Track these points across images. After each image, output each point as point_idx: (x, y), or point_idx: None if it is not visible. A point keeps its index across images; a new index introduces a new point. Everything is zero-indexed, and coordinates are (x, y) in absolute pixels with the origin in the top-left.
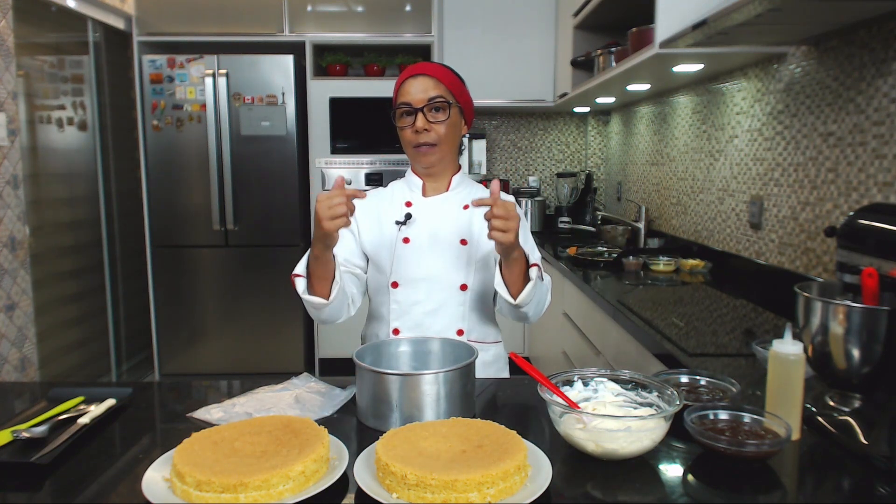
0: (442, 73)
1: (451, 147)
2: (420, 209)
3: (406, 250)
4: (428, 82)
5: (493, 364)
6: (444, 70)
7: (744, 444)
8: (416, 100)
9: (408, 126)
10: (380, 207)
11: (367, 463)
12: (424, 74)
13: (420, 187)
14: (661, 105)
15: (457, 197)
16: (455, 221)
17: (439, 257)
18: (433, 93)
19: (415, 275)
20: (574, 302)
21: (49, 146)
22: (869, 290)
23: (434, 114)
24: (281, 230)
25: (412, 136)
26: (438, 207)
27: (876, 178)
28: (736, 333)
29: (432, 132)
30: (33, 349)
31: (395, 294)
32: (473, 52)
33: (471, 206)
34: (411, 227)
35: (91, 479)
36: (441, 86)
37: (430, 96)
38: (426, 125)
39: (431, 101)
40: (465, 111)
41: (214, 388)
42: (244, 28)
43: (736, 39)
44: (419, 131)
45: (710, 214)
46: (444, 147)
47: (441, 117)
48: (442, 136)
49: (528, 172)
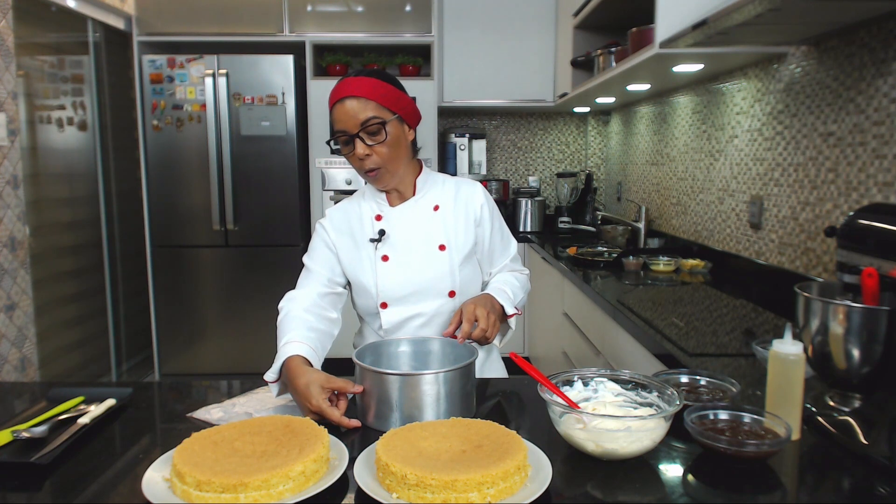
0: (368, 90)
1: (400, 161)
2: (391, 220)
3: (387, 269)
4: (356, 105)
5: (486, 362)
6: (370, 84)
7: (744, 444)
8: (349, 126)
9: (349, 154)
10: (351, 227)
11: (367, 463)
12: (350, 97)
13: (385, 198)
14: (661, 105)
15: (424, 199)
16: (429, 226)
17: (422, 270)
18: (363, 116)
19: (401, 293)
20: (574, 302)
21: (49, 146)
22: (869, 290)
23: (371, 137)
24: (281, 230)
25: (357, 164)
26: (409, 215)
27: (876, 178)
28: (736, 333)
29: (374, 156)
30: (33, 349)
31: (386, 314)
32: (473, 52)
33: (441, 206)
34: (386, 242)
35: (91, 479)
36: (370, 104)
37: (361, 120)
38: (366, 150)
39: (364, 126)
40: (405, 116)
41: (214, 388)
42: (244, 28)
43: (736, 39)
44: (362, 158)
45: (710, 214)
46: (391, 166)
47: (378, 139)
48: (385, 157)
49: (528, 172)
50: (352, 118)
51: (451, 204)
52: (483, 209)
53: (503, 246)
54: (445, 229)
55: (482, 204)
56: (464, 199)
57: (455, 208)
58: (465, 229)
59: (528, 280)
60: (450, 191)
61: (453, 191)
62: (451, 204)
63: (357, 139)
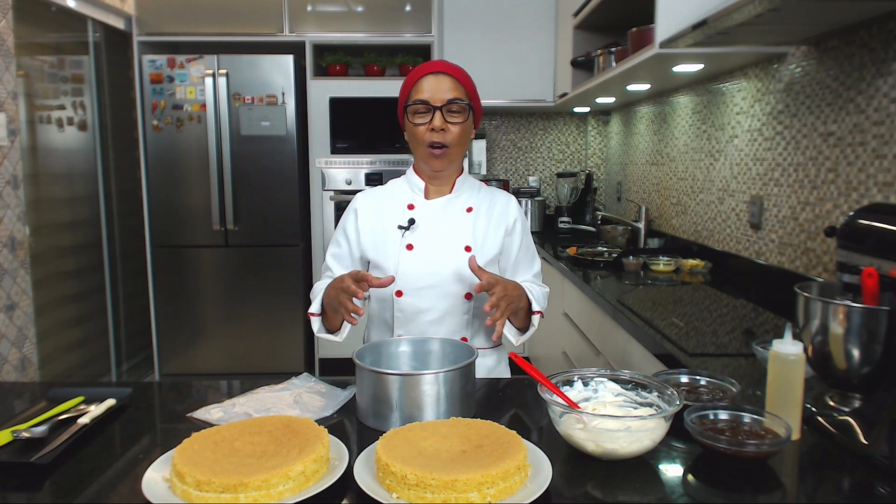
0: (462, 75)
1: (462, 149)
2: (423, 213)
3: (410, 258)
4: (448, 82)
5: (496, 368)
6: (463, 72)
7: (744, 444)
8: (435, 98)
9: (423, 124)
10: (381, 209)
11: (367, 463)
12: (445, 73)
13: (422, 189)
14: (661, 105)
15: (459, 199)
16: (459, 226)
17: (444, 266)
18: (452, 94)
19: (420, 284)
20: (574, 302)
21: (49, 146)
22: (869, 290)
23: (452, 115)
24: (281, 230)
25: (426, 134)
26: (442, 211)
27: (876, 178)
28: (736, 333)
29: (448, 133)
30: (33, 349)
31: (400, 303)
32: (473, 52)
33: (474, 209)
34: (414, 232)
35: (91, 479)
36: (461, 87)
37: (449, 97)
38: (443, 125)
39: (451, 102)
40: (476, 115)
41: (214, 388)
42: (244, 28)
43: (736, 39)
44: (436, 130)
45: (710, 214)
46: (456, 150)
47: (459, 119)
48: (457, 137)
49: (528, 172)
50: (441, 91)
51: (485, 209)
52: (516, 223)
53: (528, 262)
54: (475, 232)
55: (515, 218)
56: (498, 208)
57: (488, 214)
58: (493, 236)
59: (546, 296)
60: (485, 197)
61: (488, 198)
62: (484, 209)
63: (438, 111)
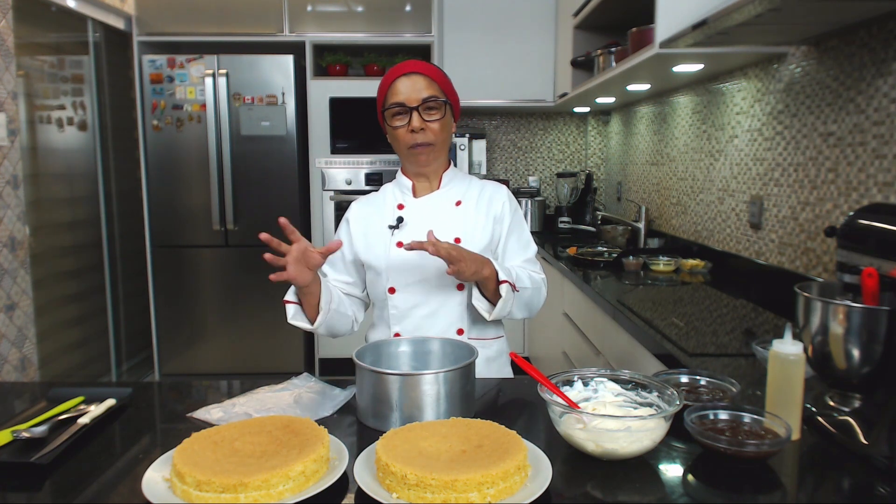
0: (434, 72)
1: (444, 145)
2: (412, 211)
3: (400, 255)
4: (421, 81)
5: (496, 360)
6: (435, 68)
7: (744, 444)
8: (410, 99)
9: (402, 126)
10: (372, 213)
11: (367, 463)
12: (417, 73)
13: (410, 188)
14: (661, 105)
15: (448, 194)
16: (448, 219)
17: (433, 260)
18: (427, 92)
19: (410, 279)
20: (574, 302)
21: (49, 146)
22: (869, 290)
23: (429, 112)
24: (281, 230)
25: (407, 137)
26: (430, 207)
27: (876, 178)
28: (736, 333)
29: (428, 132)
30: (33, 349)
31: (393, 299)
32: (473, 53)
33: (463, 202)
34: (404, 230)
35: (91, 479)
36: (434, 85)
37: (424, 96)
38: (422, 124)
39: (426, 101)
40: (454, 109)
41: (214, 388)
42: (244, 28)
43: (736, 39)
44: (415, 131)
45: (710, 214)
46: (438, 147)
47: (436, 115)
48: (437, 135)
49: (528, 172)
50: (415, 92)
51: (475, 201)
52: (504, 206)
53: (520, 246)
54: (464, 223)
55: (504, 202)
56: (487, 197)
57: (477, 205)
58: (483, 225)
59: (542, 283)
60: (475, 189)
61: (478, 190)
62: (473, 201)
63: (415, 112)
